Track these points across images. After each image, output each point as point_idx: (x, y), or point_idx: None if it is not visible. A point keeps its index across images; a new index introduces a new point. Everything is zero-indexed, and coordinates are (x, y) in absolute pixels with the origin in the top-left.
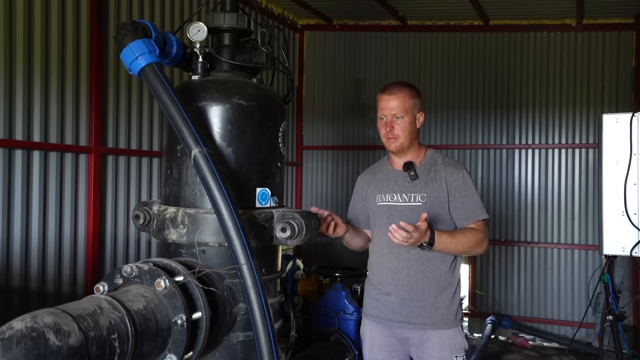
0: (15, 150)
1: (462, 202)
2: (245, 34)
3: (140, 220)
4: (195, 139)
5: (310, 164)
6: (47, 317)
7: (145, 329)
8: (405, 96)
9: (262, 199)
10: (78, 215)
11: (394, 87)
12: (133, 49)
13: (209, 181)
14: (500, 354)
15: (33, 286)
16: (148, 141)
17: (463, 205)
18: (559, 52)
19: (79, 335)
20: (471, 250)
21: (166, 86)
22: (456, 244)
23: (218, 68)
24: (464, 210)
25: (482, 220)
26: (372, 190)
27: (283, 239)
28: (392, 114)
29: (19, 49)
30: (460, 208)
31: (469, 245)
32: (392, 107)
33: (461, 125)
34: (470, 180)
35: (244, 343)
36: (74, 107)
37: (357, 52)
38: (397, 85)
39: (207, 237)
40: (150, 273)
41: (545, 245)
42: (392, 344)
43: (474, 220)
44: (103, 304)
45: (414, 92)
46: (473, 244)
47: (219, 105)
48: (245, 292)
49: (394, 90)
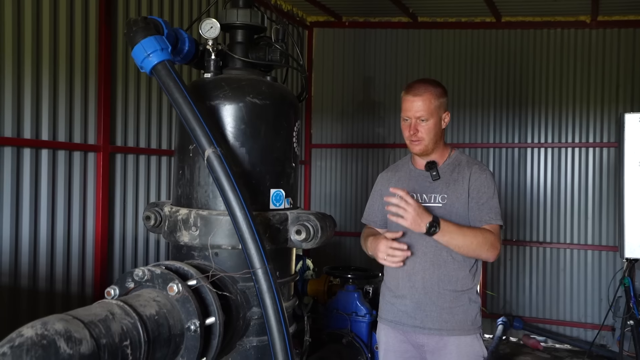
0: (24, 149)
1: (478, 202)
2: (258, 30)
3: (151, 221)
4: (209, 139)
5: (319, 163)
6: (58, 324)
7: (157, 335)
8: (431, 97)
9: (276, 200)
10: (87, 214)
11: (419, 88)
12: (145, 46)
13: (223, 182)
14: (511, 356)
15: (41, 286)
16: (157, 139)
17: (478, 207)
18: (572, 49)
19: (91, 343)
20: (479, 250)
21: (179, 84)
22: (464, 237)
23: (231, 65)
24: (479, 212)
25: (498, 226)
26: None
27: (298, 241)
28: (417, 117)
29: (27, 46)
30: (476, 209)
31: (478, 243)
32: (417, 109)
33: (472, 123)
34: (492, 183)
35: (258, 348)
36: (83, 105)
37: (366, 49)
38: (423, 85)
39: (220, 240)
40: (163, 277)
41: (558, 246)
42: (407, 350)
43: (487, 222)
44: (115, 309)
45: (439, 91)
46: (482, 243)
47: (233, 104)
48: (260, 297)
49: (418, 91)
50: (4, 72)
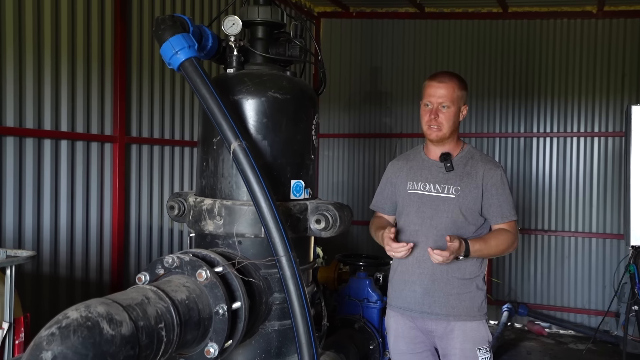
0: (44, 140)
1: (498, 200)
2: (278, 27)
3: (175, 211)
4: (235, 133)
5: (326, 152)
6: (100, 307)
7: (188, 318)
8: (455, 86)
9: (296, 190)
10: (104, 203)
11: (444, 76)
12: (173, 44)
13: (249, 175)
14: (516, 341)
15: (62, 273)
16: (170, 130)
17: (499, 203)
18: (579, 39)
19: (130, 325)
20: (504, 251)
21: (206, 81)
22: (489, 249)
23: (252, 61)
24: (500, 209)
25: (515, 222)
26: (403, 177)
27: (317, 230)
28: (439, 102)
29: (46, 40)
30: (496, 205)
31: (502, 248)
32: (440, 95)
33: (479, 113)
34: (506, 179)
35: (279, 332)
36: (99, 96)
37: (373, 39)
38: (448, 74)
39: (243, 229)
40: (192, 264)
41: (563, 234)
42: (417, 335)
43: (508, 220)
44: (149, 294)
45: (463, 84)
46: (506, 247)
47: (255, 98)
48: (285, 283)
49: (444, 79)
50: (25, 65)
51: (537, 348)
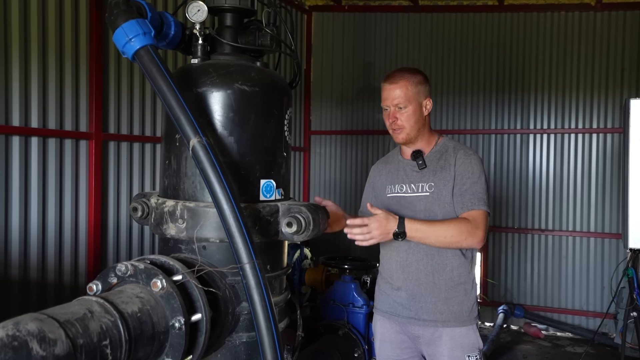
0: (13, 137)
1: (461, 188)
2: (248, 14)
3: (139, 212)
4: (194, 128)
5: (318, 149)
6: (31, 324)
7: (140, 333)
8: (407, 84)
9: (266, 191)
10: (79, 203)
11: (395, 76)
12: (126, 30)
13: (209, 173)
14: (512, 344)
15: (33, 276)
16: (151, 127)
17: (461, 193)
18: (577, 33)
19: (66, 343)
20: (457, 240)
21: (162, 70)
22: (436, 233)
23: (219, 51)
24: (461, 197)
25: (482, 211)
26: (382, 181)
27: (289, 234)
28: (395, 104)
29: (14, 31)
30: (458, 195)
31: (452, 235)
32: (394, 97)
33: (474, 109)
34: (478, 167)
35: (248, 344)
36: (74, 91)
37: (366, 34)
38: (399, 72)
39: (207, 233)
40: (147, 272)
41: (560, 233)
42: (403, 340)
43: (469, 209)
44: (94, 307)
45: (418, 78)
46: (457, 234)
47: (220, 91)
48: (248, 292)
49: (395, 79)
50: None
51: (533, 351)
